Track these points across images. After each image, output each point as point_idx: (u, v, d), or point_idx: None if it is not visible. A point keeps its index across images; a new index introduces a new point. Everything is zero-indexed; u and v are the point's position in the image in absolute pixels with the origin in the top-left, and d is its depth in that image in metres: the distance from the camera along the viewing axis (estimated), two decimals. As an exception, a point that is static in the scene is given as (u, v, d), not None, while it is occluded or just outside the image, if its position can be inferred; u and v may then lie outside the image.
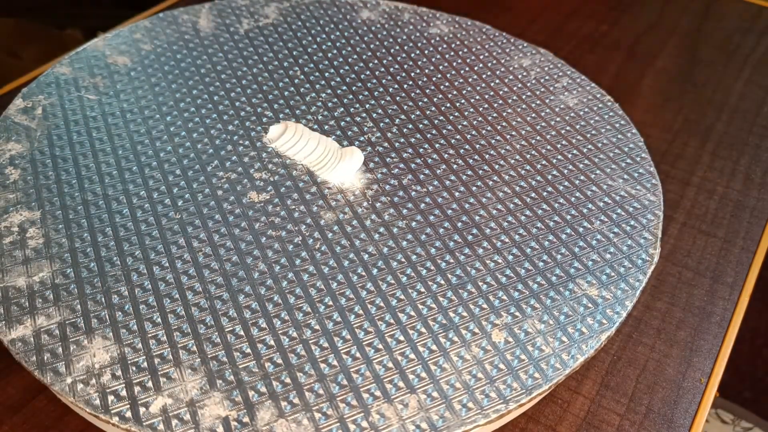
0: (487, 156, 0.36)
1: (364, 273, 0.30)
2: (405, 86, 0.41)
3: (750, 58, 0.56)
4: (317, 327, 0.28)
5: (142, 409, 0.25)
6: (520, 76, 0.42)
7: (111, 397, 0.25)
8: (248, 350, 0.27)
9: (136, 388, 0.25)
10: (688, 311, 0.37)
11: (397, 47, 0.44)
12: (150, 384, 0.26)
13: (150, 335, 0.27)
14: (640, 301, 0.36)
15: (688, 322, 0.36)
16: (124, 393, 0.25)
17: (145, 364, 0.26)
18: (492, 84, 0.41)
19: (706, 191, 0.44)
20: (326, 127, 0.38)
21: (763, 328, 0.96)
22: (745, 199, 0.43)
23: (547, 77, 0.42)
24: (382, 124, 0.38)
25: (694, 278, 0.38)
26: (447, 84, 0.41)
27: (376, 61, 0.43)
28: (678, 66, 0.55)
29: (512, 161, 0.36)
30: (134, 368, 0.26)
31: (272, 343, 0.27)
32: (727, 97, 0.52)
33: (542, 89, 0.41)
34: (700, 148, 0.47)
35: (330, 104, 0.39)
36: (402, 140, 0.37)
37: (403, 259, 0.31)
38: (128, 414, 0.25)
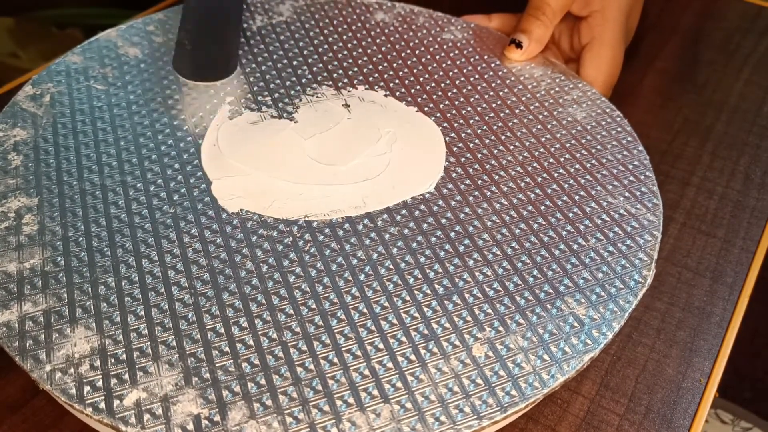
0: (487, 166, 0.36)
1: (350, 278, 0.30)
2: (412, 90, 0.41)
3: (750, 58, 0.55)
4: (298, 330, 0.28)
5: (116, 402, 0.25)
6: (530, 86, 0.42)
7: (87, 388, 0.25)
8: (227, 349, 0.27)
9: (113, 380, 0.26)
10: (688, 311, 0.36)
11: (408, 51, 0.44)
12: (127, 377, 0.26)
13: (132, 328, 0.27)
14: (639, 301, 0.36)
15: (688, 323, 0.36)
16: (100, 384, 0.26)
17: (124, 356, 0.26)
18: (501, 93, 0.41)
19: (705, 191, 0.43)
20: (329, 128, 0.38)
21: (763, 328, 0.95)
22: (744, 199, 0.43)
23: (557, 89, 0.41)
24: (385, 128, 0.38)
25: (694, 278, 0.38)
26: (455, 90, 0.41)
27: (385, 64, 0.42)
28: (678, 66, 0.54)
29: (513, 173, 0.36)
30: (113, 360, 0.26)
31: (251, 343, 0.27)
32: (727, 97, 0.51)
33: (551, 101, 0.40)
34: (700, 148, 0.47)
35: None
36: (403, 145, 0.37)
37: (391, 266, 0.31)
38: (102, 405, 0.25)
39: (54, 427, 0.30)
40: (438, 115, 0.39)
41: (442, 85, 0.41)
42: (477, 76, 0.42)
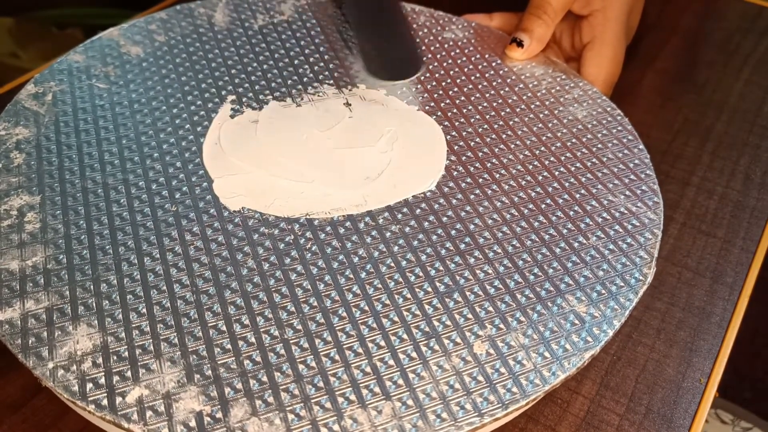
0: (488, 164, 0.36)
1: (351, 276, 0.30)
2: (413, 89, 0.41)
3: (750, 58, 0.55)
4: (299, 327, 0.28)
5: (118, 399, 0.25)
6: (531, 85, 0.42)
7: (90, 385, 0.25)
8: (228, 346, 0.27)
9: (115, 378, 0.26)
10: (688, 311, 0.37)
11: (410, 50, 0.44)
12: (129, 374, 0.26)
13: (134, 325, 0.28)
14: (640, 301, 0.36)
15: (688, 323, 0.36)
16: (102, 381, 0.26)
17: (126, 353, 0.27)
18: (502, 92, 0.41)
19: (706, 191, 0.43)
20: (330, 127, 0.38)
21: (763, 328, 0.96)
22: (744, 199, 0.43)
23: (558, 88, 0.41)
24: (386, 127, 0.38)
25: (694, 278, 0.38)
26: (456, 89, 0.41)
27: (386, 63, 0.43)
28: (678, 66, 0.54)
29: (513, 171, 0.36)
30: (115, 357, 0.26)
31: (253, 340, 0.27)
32: (727, 97, 0.51)
33: (552, 99, 0.41)
34: (700, 148, 0.47)
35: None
36: (404, 144, 0.37)
37: (392, 264, 0.31)
38: (104, 402, 0.25)
39: (54, 427, 0.30)
40: (439, 113, 0.39)
41: (443, 83, 0.41)
42: (478, 75, 0.42)
